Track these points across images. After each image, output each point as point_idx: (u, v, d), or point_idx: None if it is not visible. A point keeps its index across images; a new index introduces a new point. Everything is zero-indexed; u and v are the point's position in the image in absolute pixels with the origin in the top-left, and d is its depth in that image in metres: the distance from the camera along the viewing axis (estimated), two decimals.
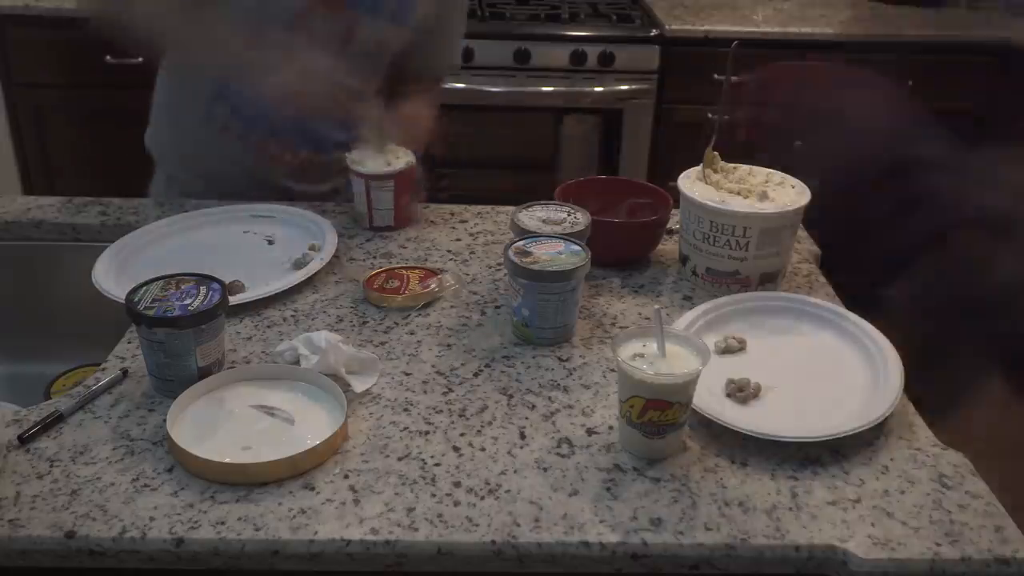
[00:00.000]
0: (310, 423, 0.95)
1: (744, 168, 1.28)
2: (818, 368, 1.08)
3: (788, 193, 1.23)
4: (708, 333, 1.11)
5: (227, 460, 0.88)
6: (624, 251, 1.30)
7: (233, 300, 1.11)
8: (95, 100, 2.66)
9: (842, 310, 1.16)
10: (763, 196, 1.21)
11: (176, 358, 0.97)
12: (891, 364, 1.04)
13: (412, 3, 1.43)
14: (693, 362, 0.91)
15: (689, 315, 1.13)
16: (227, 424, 0.95)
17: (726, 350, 1.09)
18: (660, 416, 0.90)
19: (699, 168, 1.27)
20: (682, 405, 0.90)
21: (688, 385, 0.90)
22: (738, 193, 1.22)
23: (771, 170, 1.28)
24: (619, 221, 1.31)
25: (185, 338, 0.97)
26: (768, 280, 1.22)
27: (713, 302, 1.16)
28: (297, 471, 0.89)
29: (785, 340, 1.13)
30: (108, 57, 2.49)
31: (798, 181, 1.25)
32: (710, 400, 0.98)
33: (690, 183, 1.24)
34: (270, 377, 1.01)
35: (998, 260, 1.11)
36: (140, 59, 1.54)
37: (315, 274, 1.23)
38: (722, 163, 1.28)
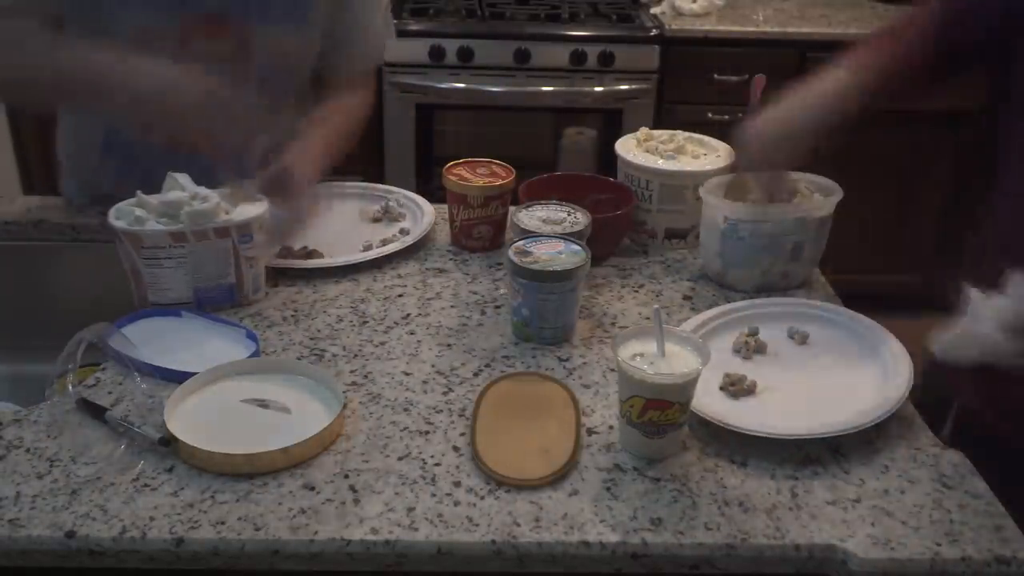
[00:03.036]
0: (306, 413, 0.95)
1: (682, 134, 1.38)
2: (821, 368, 1.08)
3: (709, 159, 1.32)
4: (714, 338, 1.10)
5: (225, 451, 0.88)
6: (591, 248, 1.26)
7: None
8: None
9: (843, 309, 1.16)
10: (670, 157, 1.33)
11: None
12: (899, 361, 1.04)
13: (306, 1, 1.31)
14: (693, 362, 0.91)
15: (694, 320, 1.13)
16: (223, 416, 0.95)
17: (744, 353, 1.09)
18: (660, 416, 0.90)
19: (636, 135, 1.39)
20: (682, 405, 0.90)
21: (688, 385, 0.90)
22: (655, 152, 1.34)
23: (703, 136, 1.39)
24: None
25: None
26: (674, 236, 1.34)
27: (718, 308, 1.16)
28: (295, 461, 0.89)
29: (786, 341, 1.12)
30: None
31: (728, 151, 1.33)
32: (709, 400, 0.98)
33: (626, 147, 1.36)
34: (265, 370, 1.02)
35: None
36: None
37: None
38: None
